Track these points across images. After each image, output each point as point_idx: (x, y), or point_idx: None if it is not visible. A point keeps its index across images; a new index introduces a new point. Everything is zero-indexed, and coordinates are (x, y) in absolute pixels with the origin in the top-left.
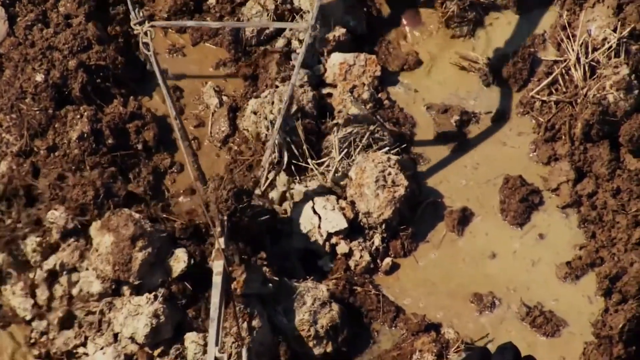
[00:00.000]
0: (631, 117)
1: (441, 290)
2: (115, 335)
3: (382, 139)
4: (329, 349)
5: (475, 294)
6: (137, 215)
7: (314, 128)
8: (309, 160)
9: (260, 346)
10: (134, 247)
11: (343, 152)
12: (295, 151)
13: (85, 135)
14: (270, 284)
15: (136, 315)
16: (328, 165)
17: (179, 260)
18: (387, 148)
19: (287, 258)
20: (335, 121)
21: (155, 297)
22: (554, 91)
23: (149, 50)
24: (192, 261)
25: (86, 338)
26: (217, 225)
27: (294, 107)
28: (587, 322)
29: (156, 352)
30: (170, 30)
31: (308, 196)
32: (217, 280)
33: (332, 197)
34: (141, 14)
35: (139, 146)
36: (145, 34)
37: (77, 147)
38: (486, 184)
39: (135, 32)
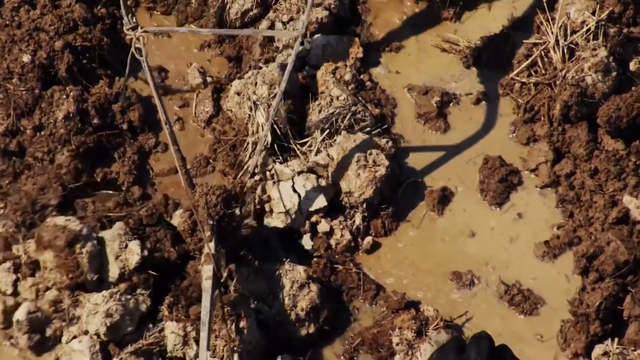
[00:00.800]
0: (609, 98)
1: (421, 268)
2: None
3: (363, 120)
4: (312, 329)
5: (455, 272)
6: (61, 221)
7: (296, 109)
8: (291, 141)
9: (249, 345)
10: (74, 251)
11: (325, 133)
12: (278, 131)
13: (71, 115)
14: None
15: (95, 314)
16: (310, 145)
17: (133, 253)
18: (368, 129)
19: (268, 239)
20: (317, 102)
21: (111, 295)
22: (533, 73)
23: (141, 56)
24: (148, 252)
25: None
26: (206, 230)
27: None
28: (564, 300)
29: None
30: (155, 11)
31: (288, 175)
32: (207, 284)
33: (312, 176)
34: (134, 19)
35: (124, 126)
36: (138, 39)
37: (63, 127)
38: (467, 163)
39: (127, 37)
